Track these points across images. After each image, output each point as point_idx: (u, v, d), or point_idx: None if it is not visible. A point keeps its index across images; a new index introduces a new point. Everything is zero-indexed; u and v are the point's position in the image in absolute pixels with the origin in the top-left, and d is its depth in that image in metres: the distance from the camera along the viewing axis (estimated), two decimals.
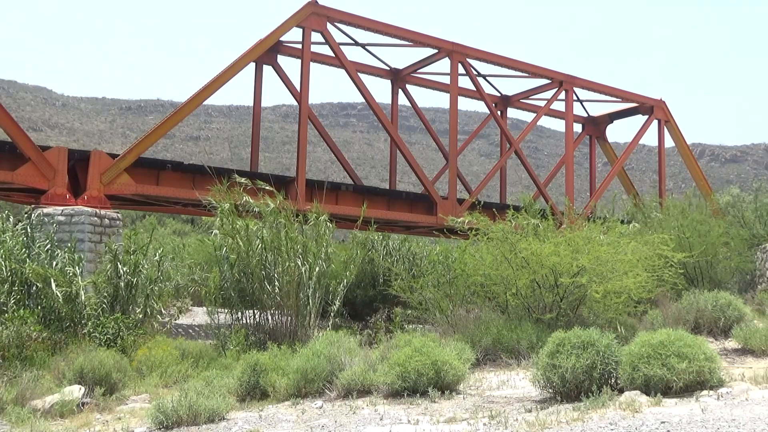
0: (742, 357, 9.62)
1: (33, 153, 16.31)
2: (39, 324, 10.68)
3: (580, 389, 6.73)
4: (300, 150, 19.88)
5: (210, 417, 7.10)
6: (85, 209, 15.93)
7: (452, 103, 23.59)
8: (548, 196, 24.50)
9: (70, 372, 9.21)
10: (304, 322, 11.75)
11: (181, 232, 40.89)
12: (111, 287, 12.12)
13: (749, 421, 5.35)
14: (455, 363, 7.77)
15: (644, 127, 29.38)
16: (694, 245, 15.42)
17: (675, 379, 6.44)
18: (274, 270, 11.85)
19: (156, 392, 9.00)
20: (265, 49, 20.59)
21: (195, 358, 10.72)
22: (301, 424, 6.69)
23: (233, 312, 11.93)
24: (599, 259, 10.66)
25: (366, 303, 17.12)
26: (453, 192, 22.58)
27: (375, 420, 6.53)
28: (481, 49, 24.50)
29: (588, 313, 11.07)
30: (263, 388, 8.30)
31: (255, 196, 13.06)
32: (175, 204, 20.28)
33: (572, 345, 6.95)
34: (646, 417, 5.68)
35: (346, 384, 7.77)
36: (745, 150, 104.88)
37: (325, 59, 23.72)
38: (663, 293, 12.59)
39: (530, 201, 13.57)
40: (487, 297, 12.10)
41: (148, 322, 12.33)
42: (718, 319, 11.14)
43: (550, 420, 5.87)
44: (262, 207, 12.38)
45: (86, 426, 7.63)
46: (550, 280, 10.89)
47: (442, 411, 6.72)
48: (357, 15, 21.68)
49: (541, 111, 27.31)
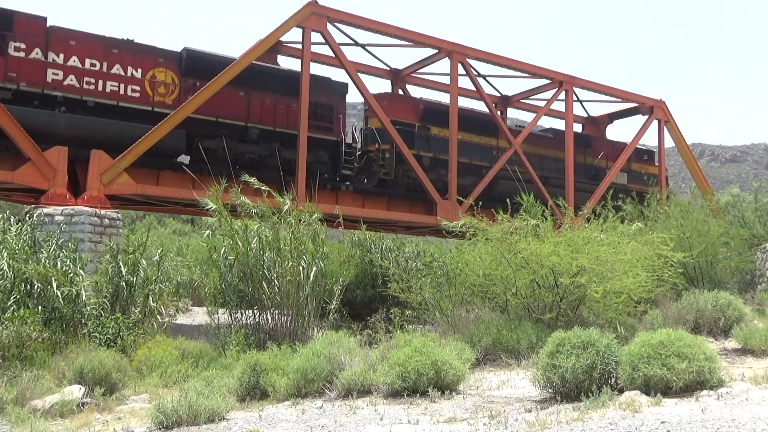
0: (742, 357, 9.62)
1: (33, 153, 16.32)
2: (39, 324, 10.68)
3: (580, 389, 6.73)
4: (300, 150, 19.87)
5: (210, 417, 7.10)
6: (85, 209, 15.93)
7: (452, 103, 23.58)
8: (548, 197, 24.44)
9: (70, 372, 9.21)
10: (304, 322, 11.75)
11: (181, 232, 40.89)
12: (111, 287, 12.13)
13: (749, 421, 5.35)
14: (455, 363, 7.77)
15: (644, 127, 29.38)
16: (694, 245, 15.41)
17: (675, 379, 6.44)
18: (274, 270, 11.85)
19: (156, 392, 9.00)
20: (265, 49, 20.57)
21: (195, 358, 10.72)
22: (301, 424, 6.68)
23: (233, 312, 11.93)
24: (599, 259, 10.65)
25: (365, 303, 17.12)
26: (453, 192, 22.58)
27: (375, 420, 6.53)
28: (481, 49, 24.51)
29: (588, 313, 11.07)
30: (263, 388, 8.31)
31: (255, 197, 13.05)
32: (175, 204, 20.28)
33: (572, 345, 6.95)
34: (646, 417, 5.68)
35: (346, 384, 7.77)
36: (745, 150, 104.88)
37: (325, 59, 23.72)
38: (663, 293, 12.58)
39: (530, 201, 13.52)
40: (486, 297, 12.09)
41: (148, 322, 12.34)
42: (718, 319, 11.13)
43: (550, 420, 5.87)
44: (262, 207, 12.38)
45: (86, 426, 7.63)
46: (550, 280, 10.89)
47: (442, 411, 6.71)
48: (357, 15, 21.68)
49: (541, 111, 27.30)
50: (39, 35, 17.65)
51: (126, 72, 18.65)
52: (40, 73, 17.51)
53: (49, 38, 17.72)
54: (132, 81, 18.70)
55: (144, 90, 18.81)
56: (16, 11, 17.78)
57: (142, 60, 18.92)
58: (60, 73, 17.82)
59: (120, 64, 18.59)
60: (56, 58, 17.80)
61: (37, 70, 17.48)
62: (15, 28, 17.41)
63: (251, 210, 12.38)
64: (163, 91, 19.13)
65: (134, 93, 18.68)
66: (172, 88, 19.30)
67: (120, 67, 18.56)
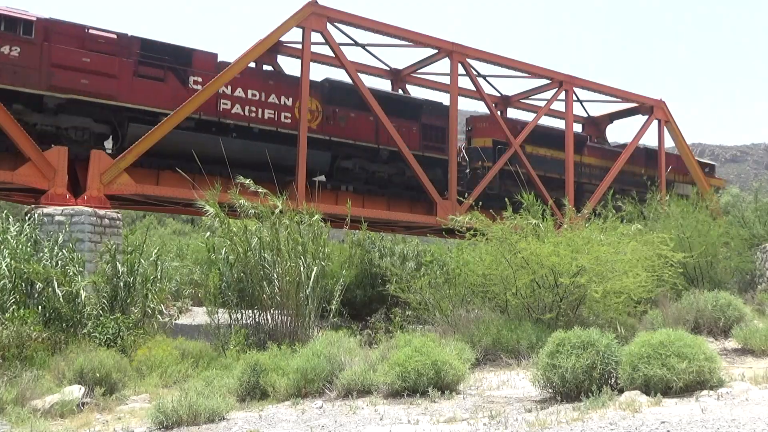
0: (742, 357, 9.62)
1: (33, 153, 16.32)
2: (39, 324, 10.68)
3: (580, 389, 6.73)
4: (300, 150, 19.88)
5: (210, 417, 7.09)
6: (85, 209, 15.93)
7: (452, 103, 23.58)
8: (548, 197, 24.46)
9: (70, 372, 9.21)
10: (304, 322, 11.74)
11: (181, 232, 40.91)
12: (110, 287, 12.12)
13: (749, 421, 5.35)
14: (455, 363, 7.77)
15: (644, 128, 29.38)
16: (694, 245, 15.42)
17: (675, 379, 6.44)
18: (274, 270, 11.85)
19: (156, 392, 9.00)
20: (265, 49, 20.58)
21: (195, 358, 10.73)
22: (301, 424, 6.68)
23: (233, 312, 11.93)
24: (599, 259, 10.65)
25: (366, 303, 17.12)
26: (453, 192, 22.58)
27: (375, 420, 6.52)
28: (481, 49, 24.52)
29: (588, 313, 11.07)
30: (263, 388, 8.30)
31: (255, 197, 13.04)
32: (175, 204, 20.28)
33: (572, 345, 6.95)
34: (646, 417, 5.68)
35: (346, 384, 7.76)
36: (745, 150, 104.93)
37: (325, 59, 23.73)
38: (663, 293, 12.59)
39: (531, 201, 13.53)
40: (486, 297, 12.09)
41: (148, 322, 12.34)
42: (718, 319, 11.13)
43: (550, 420, 5.86)
44: (260, 208, 12.37)
45: (86, 426, 7.63)
46: (550, 280, 10.88)
47: (442, 411, 6.71)
48: (357, 15, 21.69)
49: (541, 111, 27.31)
50: (212, 69, 19.59)
51: (280, 101, 20.80)
52: (213, 104, 19.48)
53: (219, 72, 19.19)
54: (285, 108, 20.82)
55: (294, 116, 20.77)
56: (195, 49, 19.99)
57: (293, 90, 20.74)
58: (228, 103, 19.96)
59: (275, 94, 20.75)
60: (225, 89, 19.78)
61: (211, 101, 19.33)
62: (194, 63, 19.58)
63: (250, 211, 12.38)
64: (309, 117, 20.92)
65: (286, 119, 20.78)
66: (317, 114, 21.43)
67: (275, 97, 20.73)
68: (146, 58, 18.77)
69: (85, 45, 17.92)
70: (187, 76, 19.32)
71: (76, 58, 17.55)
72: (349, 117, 22.26)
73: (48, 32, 17.54)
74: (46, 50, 17.32)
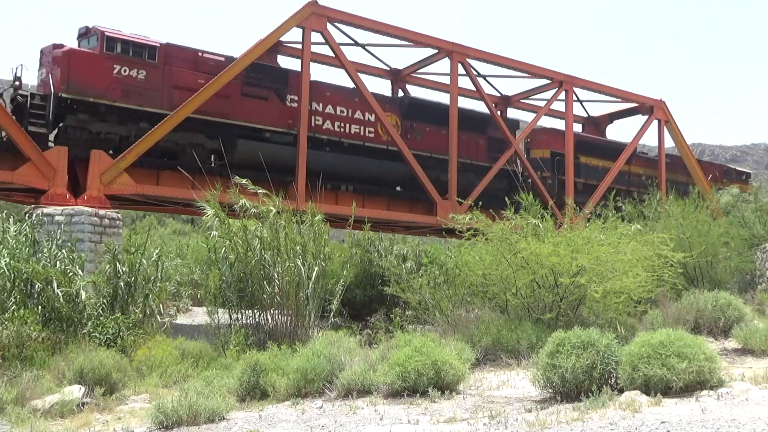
0: (742, 357, 9.61)
1: (33, 153, 16.32)
2: (39, 324, 10.68)
3: (580, 389, 6.73)
4: (300, 150, 19.88)
5: (210, 417, 7.09)
6: (85, 209, 15.93)
7: (452, 103, 23.57)
8: (548, 197, 24.46)
9: (70, 372, 9.21)
10: (304, 322, 11.74)
11: (181, 232, 40.91)
12: (110, 287, 12.12)
13: (749, 421, 5.34)
14: (455, 363, 7.76)
15: (644, 127, 29.37)
16: (694, 245, 15.40)
17: (675, 379, 6.44)
18: (274, 270, 11.84)
19: (156, 392, 9.00)
20: (266, 49, 20.57)
21: (195, 358, 10.72)
22: (301, 424, 6.68)
23: (233, 312, 11.93)
24: (599, 259, 10.64)
25: (366, 303, 17.10)
26: (453, 192, 22.58)
27: (375, 420, 6.52)
28: (481, 49, 24.52)
29: (588, 313, 11.06)
30: (263, 388, 8.30)
31: (254, 197, 13.04)
32: (175, 204, 20.28)
33: (572, 345, 6.95)
34: (646, 417, 5.68)
35: (346, 384, 7.76)
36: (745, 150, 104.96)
37: (325, 59, 23.72)
38: (663, 293, 12.58)
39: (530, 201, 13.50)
40: (486, 297, 12.08)
41: (148, 322, 12.33)
42: (718, 319, 11.12)
43: (550, 420, 5.86)
44: (260, 208, 12.36)
45: (86, 426, 7.63)
46: (550, 280, 10.88)
47: (442, 411, 6.71)
48: (357, 15, 21.69)
49: (541, 111, 27.31)
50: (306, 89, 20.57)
51: (364, 117, 22.38)
52: (308, 120, 20.68)
53: (312, 90, 20.71)
54: (368, 124, 22.44)
55: (377, 131, 22.45)
56: (290, 70, 21.58)
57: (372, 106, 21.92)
58: (320, 119, 21.58)
59: (360, 110, 22.30)
60: (317, 106, 21.46)
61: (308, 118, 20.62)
62: (290, 83, 20.84)
63: (250, 211, 12.38)
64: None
65: (370, 134, 22.47)
66: (396, 129, 22.68)
67: (360, 113, 22.30)
68: (251, 78, 20.15)
69: (198, 67, 19.42)
70: (285, 95, 20.79)
71: (193, 80, 18.94)
72: (424, 131, 23.79)
73: (168, 56, 18.93)
74: (168, 73, 18.77)
